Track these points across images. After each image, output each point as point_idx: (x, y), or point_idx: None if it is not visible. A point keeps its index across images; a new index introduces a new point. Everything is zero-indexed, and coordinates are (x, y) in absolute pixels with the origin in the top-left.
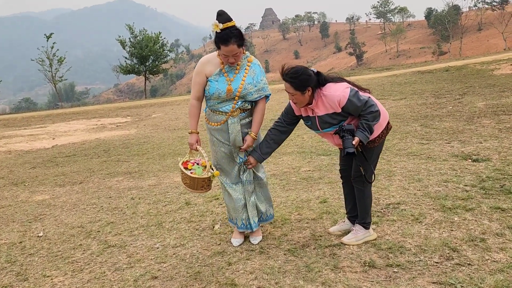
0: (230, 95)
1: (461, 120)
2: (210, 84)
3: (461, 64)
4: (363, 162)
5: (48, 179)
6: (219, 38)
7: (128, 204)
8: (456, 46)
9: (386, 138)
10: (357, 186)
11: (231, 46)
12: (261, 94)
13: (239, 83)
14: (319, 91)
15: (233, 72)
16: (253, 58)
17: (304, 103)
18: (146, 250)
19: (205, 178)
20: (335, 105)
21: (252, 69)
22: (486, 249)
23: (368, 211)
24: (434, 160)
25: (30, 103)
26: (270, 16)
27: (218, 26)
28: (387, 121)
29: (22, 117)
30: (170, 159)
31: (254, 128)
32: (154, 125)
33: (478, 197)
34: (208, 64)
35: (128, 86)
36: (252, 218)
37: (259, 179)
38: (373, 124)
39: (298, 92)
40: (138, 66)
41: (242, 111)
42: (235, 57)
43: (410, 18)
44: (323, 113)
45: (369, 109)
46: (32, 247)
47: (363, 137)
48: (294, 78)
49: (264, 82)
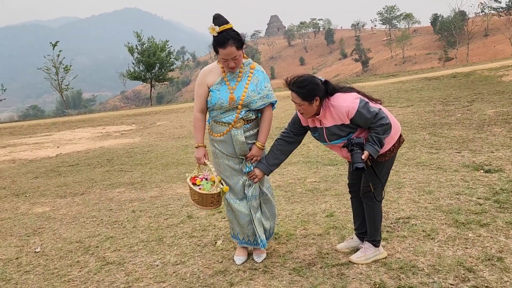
0: (233, 104)
1: (470, 128)
2: (212, 94)
3: (468, 70)
4: (373, 177)
5: (50, 190)
6: (217, 41)
7: (128, 217)
8: (463, 52)
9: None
10: (366, 201)
11: (229, 48)
12: (266, 101)
13: (241, 91)
14: (327, 101)
15: (235, 80)
16: (256, 65)
17: (311, 114)
18: (145, 268)
19: (214, 194)
20: (344, 116)
21: (255, 76)
22: (505, 270)
23: (378, 228)
24: (444, 170)
25: (38, 110)
26: (275, 23)
27: (215, 29)
28: (399, 134)
29: (28, 125)
30: (174, 169)
31: (261, 137)
32: (159, 133)
33: (492, 211)
34: (209, 74)
35: (134, 93)
36: (260, 235)
37: (265, 194)
38: (383, 137)
39: (305, 102)
40: (144, 73)
41: (246, 122)
42: (235, 60)
43: (416, 24)
44: (331, 124)
45: (380, 122)
46: (29, 263)
47: (373, 151)
48: (301, 87)
49: (269, 89)
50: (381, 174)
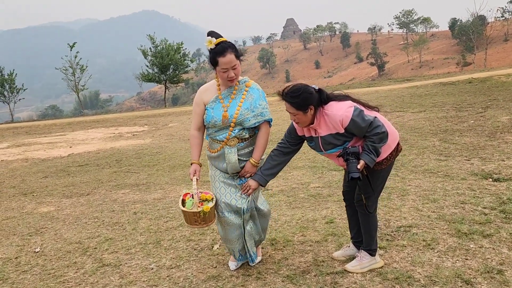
0: (226, 122)
1: (482, 135)
2: (207, 112)
3: (485, 75)
4: (366, 188)
5: (57, 190)
6: (215, 51)
7: (129, 219)
8: (481, 57)
9: (401, 154)
10: (360, 211)
11: (229, 56)
12: (260, 119)
13: (235, 109)
14: (321, 110)
15: (229, 97)
16: (252, 83)
17: (306, 123)
18: (140, 271)
19: (196, 213)
20: (338, 125)
21: (249, 94)
22: (504, 283)
23: (373, 237)
24: (451, 178)
25: (56, 110)
26: (291, 27)
27: (212, 42)
28: (396, 142)
29: (44, 125)
30: (180, 171)
31: (255, 154)
32: (170, 134)
33: (497, 222)
34: (206, 92)
35: (150, 94)
36: (251, 249)
37: (260, 210)
38: (379, 146)
39: (299, 112)
40: (158, 75)
41: (240, 141)
42: (235, 70)
43: (434, 28)
44: (326, 133)
45: (375, 130)
46: (27, 263)
47: (369, 160)
48: (295, 97)
49: (263, 106)
50: (377, 183)
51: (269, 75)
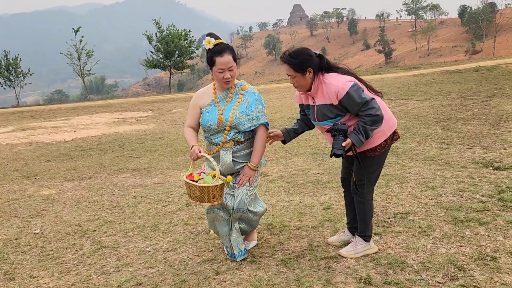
0: (221, 126)
1: (486, 123)
2: (202, 116)
3: (492, 64)
4: (358, 172)
5: (59, 173)
6: (213, 51)
7: (129, 202)
8: (490, 45)
9: (403, 142)
10: (356, 197)
11: (226, 56)
12: (255, 123)
13: (230, 112)
14: (320, 77)
15: (225, 100)
16: (248, 86)
17: (305, 88)
18: (137, 253)
19: (216, 187)
20: (333, 96)
21: (245, 97)
22: (496, 270)
23: (368, 224)
24: (452, 166)
25: (62, 95)
26: (298, 13)
27: (211, 42)
28: (393, 130)
29: (49, 109)
30: (181, 156)
31: (254, 158)
32: (173, 120)
33: (494, 210)
34: (202, 95)
35: (156, 80)
36: (238, 245)
37: (253, 212)
38: (371, 128)
39: (298, 74)
40: (163, 61)
41: (236, 143)
42: (231, 72)
43: (443, 15)
44: (321, 103)
45: (369, 111)
46: (27, 244)
47: (357, 140)
48: (294, 58)
49: (259, 110)
50: (370, 169)
51: (275, 61)
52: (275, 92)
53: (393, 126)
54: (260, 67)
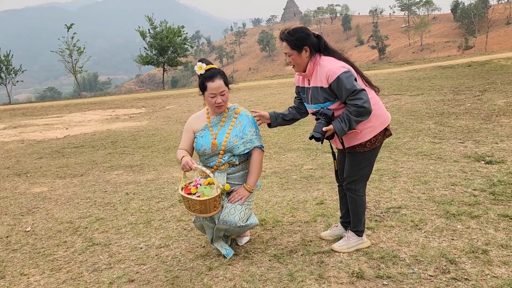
0: (215, 150)
1: (478, 118)
2: (196, 141)
3: (485, 59)
4: (348, 164)
5: (51, 171)
6: (205, 77)
7: (121, 199)
8: (482, 41)
9: (395, 137)
10: (349, 193)
11: (218, 81)
12: (249, 146)
13: (223, 137)
14: (317, 58)
15: (218, 125)
16: (241, 109)
17: (301, 67)
18: (129, 250)
19: (216, 197)
20: (324, 79)
21: (238, 121)
22: (487, 262)
23: (360, 219)
24: (444, 161)
25: (55, 92)
26: (291, 8)
27: (202, 67)
28: (384, 126)
29: (41, 106)
30: (174, 153)
31: (250, 180)
32: (166, 117)
33: (486, 203)
34: (196, 120)
35: (149, 76)
36: (222, 247)
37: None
38: (355, 119)
39: (294, 52)
40: (157, 57)
41: (231, 166)
42: (223, 96)
43: (436, 11)
44: (314, 85)
45: (356, 101)
46: (17, 242)
47: (339, 128)
48: (291, 35)
49: (253, 133)
50: (360, 165)
51: (269, 58)
52: (269, 88)
53: (385, 122)
54: (254, 63)
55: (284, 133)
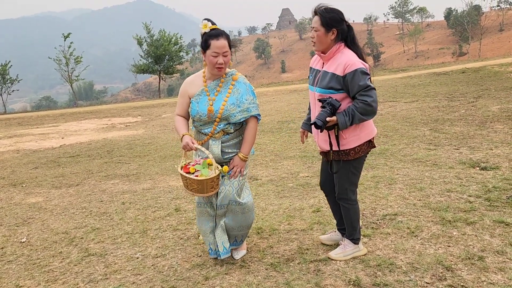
0: (212, 117)
1: (473, 124)
2: (192, 106)
3: (479, 65)
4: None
5: (46, 180)
6: (209, 35)
7: (117, 209)
8: (476, 47)
9: (391, 143)
10: (342, 204)
11: (222, 40)
12: (246, 115)
13: (220, 104)
14: (341, 46)
15: (215, 90)
16: (239, 76)
17: (322, 46)
18: (125, 260)
19: (214, 178)
20: (341, 68)
21: (236, 88)
22: (484, 269)
23: (355, 228)
24: (439, 167)
25: (50, 101)
26: (287, 16)
27: (207, 25)
28: (369, 137)
29: (37, 116)
30: (170, 161)
31: (244, 149)
32: (162, 125)
33: (481, 209)
34: (191, 84)
35: (145, 85)
36: (222, 243)
37: (242, 204)
38: (359, 116)
39: (322, 29)
40: (153, 65)
41: (225, 133)
42: (225, 57)
43: (429, 18)
44: (326, 69)
45: (365, 98)
46: (13, 253)
47: (342, 121)
48: (327, 12)
49: (250, 101)
50: (347, 174)
51: (265, 65)
52: (265, 95)
53: (371, 134)
54: (250, 71)
55: (280, 141)
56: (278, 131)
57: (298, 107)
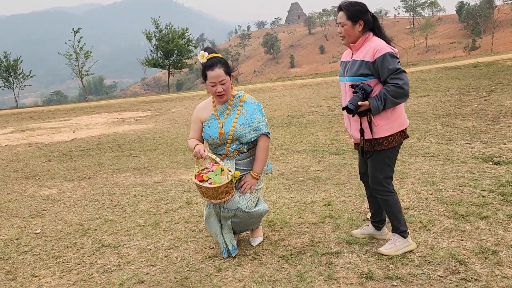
0: (223, 139)
1: (485, 119)
2: (204, 130)
3: (491, 60)
4: (371, 169)
5: (59, 173)
6: (205, 66)
7: (129, 201)
8: (488, 41)
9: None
10: (379, 196)
11: (217, 70)
12: (256, 134)
13: (230, 125)
14: (369, 35)
15: (224, 113)
16: (247, 97)
17: (351, 39)
18: (138, 252)
19: (228, 183)
20: (371, 53)
21: (244, 109)
22: (497, 263)
23: (399, 219)
24: (451, 162)
25: (61, 96)
26: (296, 11)
27: (204, 56)
28: (402, 128)
29: (48, 110)
30: (181, 155)
31: (256, 167)
32: (172, 119)
33: (495, 204)
34: (203, 110)
35: (154, 80)
36: (231, 241)
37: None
38: (391, 100)
39: (349, 22)
40: (162, 60)
41: (239, 153)
42: (223, 85)
43: (441, 12)
44: (356, 58)
45: (397, 81)
46: (28, 244)
47: (374, 106)
48: (351, 6)
49: (259, 120)
50: (381, 165)
51: (274, 60)
52: (274, 90)
53: (403, 124)
54: (259, 66)
55: (290, 135)
56: (288, 125)
57: (307, 102)
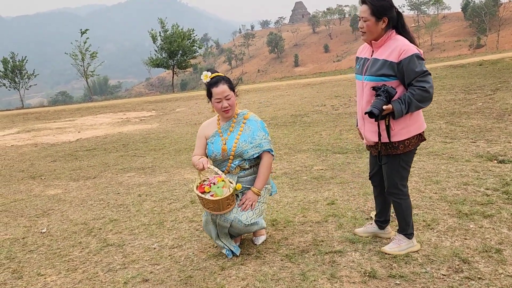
0: (225, 155)
1: (490, 117)
2: (208, 147)
3: (496, 58)
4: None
5: (65, 173)
6: (210, 84)
7: (134, 201)
8: (493, 39)
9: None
10: (393, 199)
11: (221, 86)
12: (258, 150)
13: (233, 142)
14: (393, 33)
15: (228, 130)
16: (251, 115)
17: (372, 36)
18: (142, 250)
19: (229, 196)
20: (396, 54)
21: (247, 126)
22: (501, 262)
23: (408, 222)
24: (456, 160)
25: (66, 96)
26: (300, 10)
27: (207, 75)
28: (419, 131)
29: (54, 110)
30: (185, 154)
31: (257, 183)
32: (177, 119)
33: (499, 202)
34: (207, 127)
35: (159, 80)
36: (230, 243)
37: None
38: (416, 104)
39: (372, 18)
40: (166, 60)
41: (242, 169)
42: (228, 100)
43: (446, 10)
44: (379, 57)
45: (422, 84)
46: (34, 243)
47: (398, 109)
48: (377, 0)
49: (262, 137)
50: (397, 169)
51: (278, 59)
52: (278, 89)
53: (421, 127)
54: (263, 65)
55: (294, 134)
56: (291, 124)
57: (311, 101)
